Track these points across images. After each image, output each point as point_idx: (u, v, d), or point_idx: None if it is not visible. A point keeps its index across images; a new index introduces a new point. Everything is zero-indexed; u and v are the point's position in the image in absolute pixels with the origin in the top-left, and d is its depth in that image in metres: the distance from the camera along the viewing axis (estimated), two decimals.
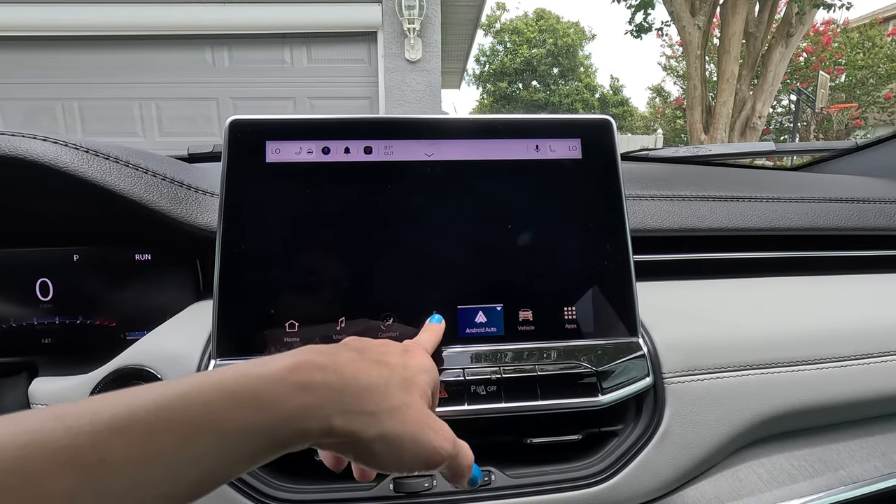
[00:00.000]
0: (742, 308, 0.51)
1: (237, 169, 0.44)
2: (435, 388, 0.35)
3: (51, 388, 0.43)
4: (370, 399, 0.28)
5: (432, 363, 0.36)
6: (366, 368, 0.30)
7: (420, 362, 0.34)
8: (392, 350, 0.34)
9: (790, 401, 0.45)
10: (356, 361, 0.30)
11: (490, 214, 0.45)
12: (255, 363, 0.26)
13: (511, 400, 0.41)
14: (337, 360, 0.29)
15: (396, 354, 0.34)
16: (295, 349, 0.29)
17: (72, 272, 0.57)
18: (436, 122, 0.47)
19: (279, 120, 0.45)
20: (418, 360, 0.35)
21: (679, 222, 0.54)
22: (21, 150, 0.41)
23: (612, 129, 0.48)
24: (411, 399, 0.30)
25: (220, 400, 0.23)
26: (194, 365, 0.42)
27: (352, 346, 0.32)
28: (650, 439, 0.43)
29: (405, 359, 0.34)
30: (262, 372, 0.25)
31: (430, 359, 0.36)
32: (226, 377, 0.24)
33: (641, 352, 0.44)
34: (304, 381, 0.26)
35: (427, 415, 0.31)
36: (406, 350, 0.35)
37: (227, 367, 0.25)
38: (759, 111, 5.60)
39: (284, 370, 0.26)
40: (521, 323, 0.45)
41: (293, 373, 0.26)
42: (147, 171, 0.47)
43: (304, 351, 0.28)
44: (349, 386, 0.28)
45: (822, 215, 0.56)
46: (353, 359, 0.30)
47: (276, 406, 0.24)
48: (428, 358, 0.36)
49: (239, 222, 0.43)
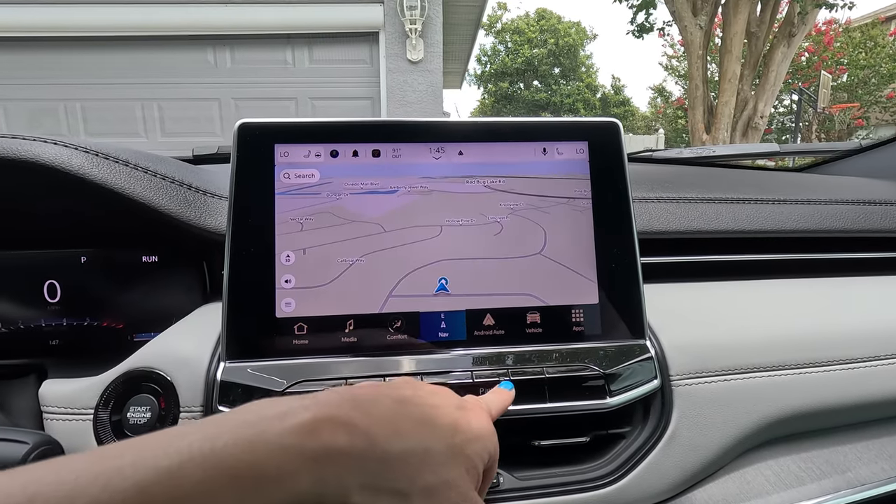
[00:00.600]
0: (749, 310, 0.51)
1: (246, 172, 0.44)
2: (491, 463, 0.29)
3: (61, 390, 0.43)
4: (403, 472, 0.23)
5: (492, 430, 0.29)
6: (405, 430, 0.24)
7: (476, 427, 0.28)
8: (445, 404, 0.28)
9: (798, 403, 0.45)
10: (395, 418, 0.24)
11: (497, 217, 0.46)
12: (267, 416, 0.22)
13: (520, 402, 0.41)
14: (371, 415, 0.24)
15: (449, 411, 0.27)
16: (322, 392, 0.25)
17: (79, 274, 0.57)
18: (443, 125, 0.47)
19: (288, 123, 0.45)
20: (474, 423, 0.28)
21: (685, 224, 0.54)
22: (32, 153, 0.41)
23: (619, 132, 0.48)
24: (454, 476, 0.24)
25: (216, 479, 0.19)
26: (203, 367, 0.42)
27: (396, 393, 0.26)
28: (658, 441, 0.43)
29: (458, 419, 0.27)
30: (272, 439, 0.21)
31: (490, 424, 0.30)
32: (228, 448, 0.20)
33: (649, 354, 0.44)
34: (323, 447, 0.21)
35: (470, 501, 0.25)
36: (462, 407, 0.29)
37: (231, 424, 0.21)
38: (760, 111, 5.59)
39: (301, 432, 0.21)
40: (529, 325, 0.45)
41: (311, 435, 0.21)
42: (156, 174, 0.47)
43: (332, 400, 0.24)
44: (379, 453, 0.22)
45: (827, 217, 0.56)
46: (391, 414, 0.25)
47: (285, 482, 0.20)
48: (488, 421, 0.30)
49: (248, 225, 0.43)
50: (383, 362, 0.42)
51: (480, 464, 0.27)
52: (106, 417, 0.41)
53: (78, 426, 0.42)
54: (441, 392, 0.29)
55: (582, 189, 0.47)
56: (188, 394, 0.42)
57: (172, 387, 0.42)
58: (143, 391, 0.43)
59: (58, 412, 0.42)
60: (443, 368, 0.42)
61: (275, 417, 0.22)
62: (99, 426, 0.41)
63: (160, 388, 0.42)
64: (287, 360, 0.42)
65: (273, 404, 0.23)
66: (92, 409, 0.42)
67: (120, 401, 0.42)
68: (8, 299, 0.56)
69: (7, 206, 0.53)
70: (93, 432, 0.41)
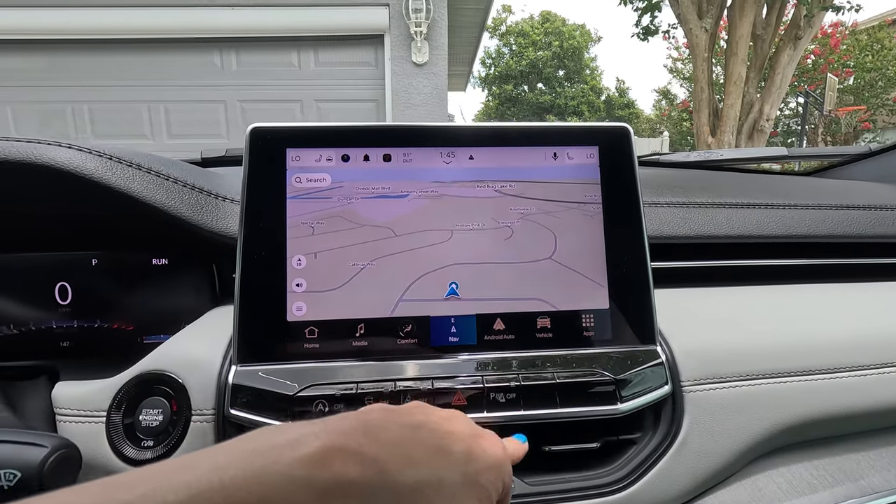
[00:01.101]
0: (760, 316, 0.50)
1: (258, 176, 0.44)
2: (504, 493, 0.28)
3: (73, 392, 0.43)
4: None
5: (506, 458, 0.29)
6: (418, 458, 0.24)
7: (491, 454, 0.27)
8: (459, 430, 0.27)
9: (809, 410, 0.45)
10: (407, 446, 0.24)
11: (508, 222, 0.46)
12: (277, 445, 0.21)
13: (530, 408, 0.41)
14: (382, 443, 0.23)
15: (463, 438, 0.27)
16: (333, 418, 0.24)
17: (90, 276, 0.57)
18: (454, 129, 0.47)
19: (299, 127, 0.45)
20: (489, 450, 0.27)
21: (696, 229, 0.54)
22: (47, 157, 0.42)
23: (629, 137, 0.48)
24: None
25: None
26: (215, 370, 0.43)
27: (408, 419, 0.26)
28: (669, 447, 0.43)
29: (472, 446, 0.27)
30: (282, 470, 0.20)
31: (503, 451, 0.29)
32: (236, 482, 0.20)
33: (659, 360, 0.44)
34: (333, 479, 0.21)
35: None
36: (476, 434, 0.28)
37: (240, 453, 0.21)
38: (766, 114, 5.57)
39: (311, 463, 0.21)
40: (539, 330, 0.45)
41: (321, 467, 0.21)
42: (168, 178, 0.48)
43: (342, 428, 0.23)
44: (391, 484, 0.22)
45: (838, 222, 0.56)
46: (404, 441, 0.24)
47: None
48: (502, 449, 0.29)
49: (259, 229, 0.43)
50: (393, 367, 0.42)
51: (494, 494, 0.26)
52: (118, 420, 0.41)
53: (91, 428, 0.42)
54: (454, 418, 0.29)
55: (592, 194, 0.47)
56: (200, 396, 0.42)
57: (184, 389, 0.42)
58: (154, 394, 0.43)
59: (71, 414, 0.43)
60: (453, 373, 0.42)
61: (285, 446, 0.21)
62: (111, 429, 0.41)
63: (172, 391, 0.43)
64: (298, 363, 0.42)
65: (283, 431, 0.23)
66: (104, 412, 0.42)
67: (132, 403, 0.43)
68: (20, 301, 0.57)
69: (19, 208, 0.53)
70: (105, 435, 0.41)
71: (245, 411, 0.40)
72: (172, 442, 0.41)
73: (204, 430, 0.41)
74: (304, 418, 0.40)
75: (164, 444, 0.41)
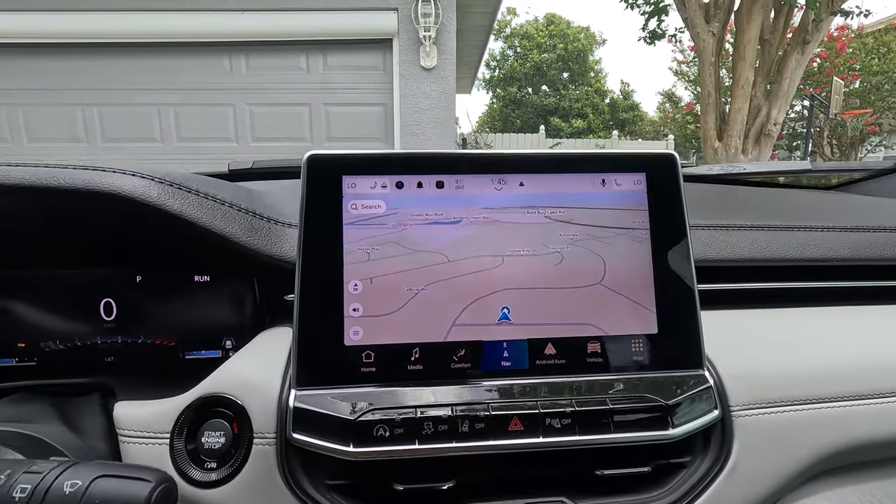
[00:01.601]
0: (804, 339, 0.51)
1: (315, 202, 0.45)
2: None
3: (136, 414, 0.44)
4: None
5: None
6: None
7: None
8: None
9: (857, 435, 0.45)
10: None
11: (558, 248, 0.47)
12: None
13: (585, 433, 0.42)
14: None
15: None
16: None
17: (134, 293, 0.59)
18: (505, 156, 0.48)
19: (355, 155, 0.46)
20: None
21: (738, 253, 0.55)
22: (115, 185, 0.43)
23: (676, 164, 0.49)
24: None
25: None
26: (275, 393, 0.44)
27: None
28: (720, 472, 0.43)
29: None
30: None
31: None
32: None
33: (709, 384, 0.45)
34: None
35: None
36: None
37: None
38: (774, 118, 5.56)
39: None
40: (590, 355, 0.46)
41: None
42: (223, 203, 0.49)
43: None
44: None
45: (879, 245, 0.57)
46: None
47: None
48: None
49: (317, 254, 0.44)
50: (449, 391, 0.43)
51: None
52: (182, 445, 0.42)
53: (154, 450, 0.43)
54: None
55: (640, 220, 0.48)
56: (261, 419, 0.43)
57: (245, 412, 0.43)
58: (215, 416, 0.44)
59: (134, 436, 0.44)
60: (508, 398, 0.43)
61: None
62: (175, 451, 0.42)
63: (232, 414, 0.44)
64: (355, 387, 0.43)
65: None
66: (167, 434, 0.43)
67: (194, 426, 0.44)
68: (67, 316, 0.58)
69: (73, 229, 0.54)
70: (169, 456, 0.42)
71: (307, 435, 0.41)
72: (236, 464, 0.42)
73: (266, 453, 0.42)
74: (366, 443, 0.41)
75: (229, 466, 0.42)
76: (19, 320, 0.56)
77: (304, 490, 0.42)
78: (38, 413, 0.50)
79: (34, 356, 0.58)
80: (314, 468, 0.43)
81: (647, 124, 18.00)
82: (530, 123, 16.32)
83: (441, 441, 0.41)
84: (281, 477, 0.42)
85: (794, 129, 11.00)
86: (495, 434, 0.42)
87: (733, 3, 5.45)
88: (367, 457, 0.41)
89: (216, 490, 0.41)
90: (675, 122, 14.33)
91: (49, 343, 0.58)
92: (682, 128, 13.63)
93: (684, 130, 13.44)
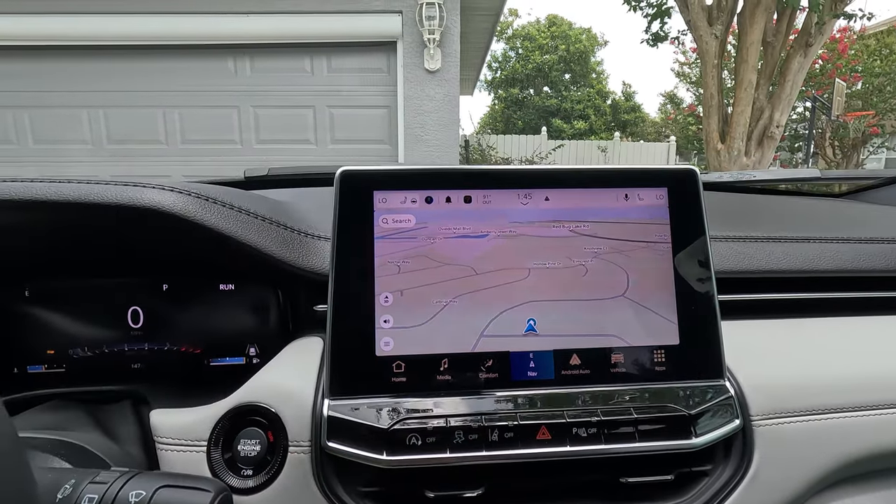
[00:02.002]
0: (823, 349, 0.52)
1: (347, 217, 0.46)
2: None
3: (173, 422, 0.46)
4: None
5: None
6: None
7: None
8: None
9: (878, 443, 0.46)
10: None
11: (582, 261, 0.48)
12: None
13: (611, 442, 0.43)
14: None
15: None
16: None
17: (161, 301, 0.60)
18: (530, 172, 0.49)
19: (386, 171, 0.48)
20: None
21: (755, 265, 0.56)
22: (154, 201, 0.44)
23: (697, 179, 0.50)
24: None
25: None
26: (309, 402, 0.45)
27: None
28: (741, 481, 0.45)
29: None
30: None
31: None
32: None
33: (729, 394, 0.46)
34: None
35: None
36: None
37: None
38: (776, 120, 5.57)
39: None
40: (613, 365, 0.47)
41: None
42: (256, 216, 0.50)
43: None
44: None
45: (894, 257, 0.58)
46: None
47: None
48: None
49: (349, 267, 0.46)
50: (478, 402, 0.45)
51: None
52: (219, 455, 0.44)
53: (192, 457, 0.44)
54: None
55: (662, 233, 0.49)
56: (296, 428, 0.44)
57: (279, 420, 0.45)
58: (250, 425, 0.45)
59: (172, 444, 0.45)
60: (536, 407, 0.44)
61: None
62: (213, 458, 0.44)
63: (267, 422, 0.45)
64: (387, 397, 0.44)
65: None
66: (204, 441, 0.44)
67: (230, 434, 0.45)
68: (95, 324, 0.59)
69: (105, 240, 0.56)
70: (207, 464, 0.44)
71: (341, 443, 0.42)
72: (272, 471, 0.43)
73: (301, 461, 0.43)
74: (399, 451, 0.42)
75: (265, 473, 0.43)
76: (49, 328, 0.57)
77: (338, 497, 0.43)
78: (74, 420, 0.52)
79: (63, 363, 0.59)
80: (348, 475, 0.44)
81: (649, 126, 18.01)
82: (532, 124, 16.34)
83: (471, 450, 0.42)
84: (316, 484, 0.43)
85: (796, 131, 11.00)
86: (524, 443, 0.43)
87: (736, 6, 5.46)
88: (400, 465, 0.42)
89: (253, 497, 0.43)
90: (676, 123, 14.34)
91: (77, 350, 0.59)
92: (683, 129, 13.63)
93: (686, 132, 13.44)
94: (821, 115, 9.05)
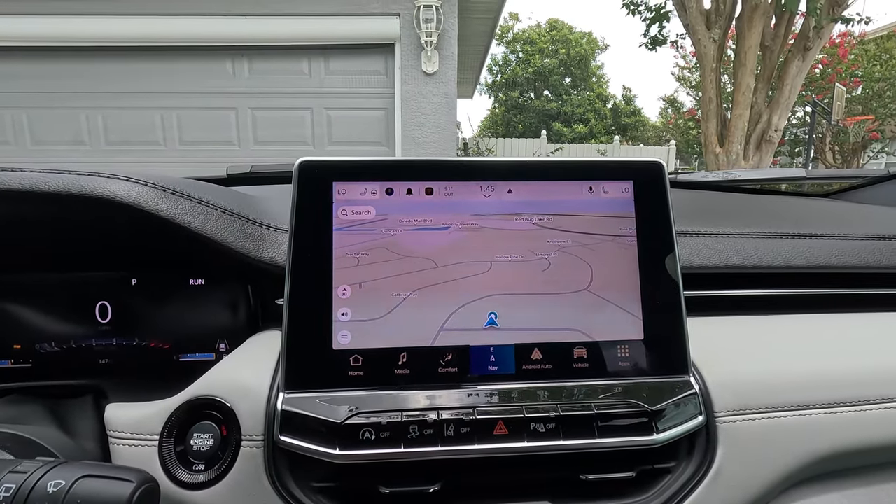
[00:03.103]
0: (790, 346, 0.52)
1: (305, 208, 0.46)
2: None
3: (126, 415, 0.45)
4: None
5: None
6: None
7: None
8: None
9: (842, 442, 0.45)
10: None
11: (545, 254, 0.47)
12: None
13: (569, 438, 0.42)
14: None
15: None
16: None
17: (129, 296, 0.59)
18: (494, 164, 0.48)
19: (346, 161, 0.47)
20: None
21: (725, 260, 0.55)
22: (108, 191, 0.44)
23: (663, 172, 0.49)
24: None
25: None
26: (263, 396, 0.44)
27: None
28: (704, 478, 0.44)
29: None
30: None
31: None
32: None
33: (693, 390, 0.45)
34: None
35: None
36: None
37: None
38: (775, 124, 5.56)
39: None
40: (576, 360, 0.46)
41: None
42: (217, 207, 0.50)
43: None
44: None
45: (866, 253, 0.57)
46: None
47: None
48: None
49: (307, 259, 0.45)
50: (436, 395, 0.44)
51: None
52: (171, 445, 0.43)
53: (144, 451, 0.43)
54: None
55: (627, 227, 0.48)
56: (249, 422, 0.43)
57: (233, 414, 0.44)
58: (204, 419, 0.44)
59: (124, 437, 0.44)
60: (494, 402, 0.44)
61: None
62: (164, 453, 0.43)
63: (221, 416, 0.44)
64: (343, 391, 0.44)
65: None
66: (157, 436, 0.44)
67: (183, 428, 0.44)
68: (62, 318, 0.58)
69: (68, 233, 0.55)
70: (158, 458, 0.43)
71: (293, 437, 0.42)
72: (224, 466, 0.42)
73: (254, 455, 0.42)
74: (351, 446, 0.41)
75: (216, 468, 0.42)
76: (15, 322, 0.57)
77: (290, 492, 0.42)
78: (31, 415, 0.51)
79: (30, 358, 0.58)
80: (301, 471, 0.44)
81: (649, 129, 18.01)
82: (532, 128, 16.36)
83: (426, 445, 0.42)
84: (268, 479, 0.42)
85: (796, 136, 11.00)
86: (480, 438, 0.42)
87: (734, 10, 5.47)
88: (353, 460, 0.41)
89: (204, 492, 0.42)
90: (677, 127, 14.34)
91: (45, 345, 0.59)
92: (684, 133, 13.63)
93: (686, 136, 13.44)
94: (821, 120, 9.04)
